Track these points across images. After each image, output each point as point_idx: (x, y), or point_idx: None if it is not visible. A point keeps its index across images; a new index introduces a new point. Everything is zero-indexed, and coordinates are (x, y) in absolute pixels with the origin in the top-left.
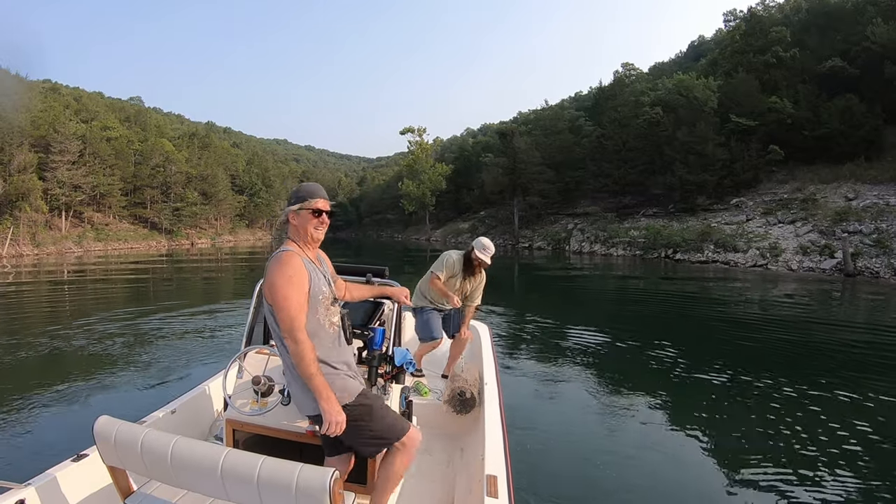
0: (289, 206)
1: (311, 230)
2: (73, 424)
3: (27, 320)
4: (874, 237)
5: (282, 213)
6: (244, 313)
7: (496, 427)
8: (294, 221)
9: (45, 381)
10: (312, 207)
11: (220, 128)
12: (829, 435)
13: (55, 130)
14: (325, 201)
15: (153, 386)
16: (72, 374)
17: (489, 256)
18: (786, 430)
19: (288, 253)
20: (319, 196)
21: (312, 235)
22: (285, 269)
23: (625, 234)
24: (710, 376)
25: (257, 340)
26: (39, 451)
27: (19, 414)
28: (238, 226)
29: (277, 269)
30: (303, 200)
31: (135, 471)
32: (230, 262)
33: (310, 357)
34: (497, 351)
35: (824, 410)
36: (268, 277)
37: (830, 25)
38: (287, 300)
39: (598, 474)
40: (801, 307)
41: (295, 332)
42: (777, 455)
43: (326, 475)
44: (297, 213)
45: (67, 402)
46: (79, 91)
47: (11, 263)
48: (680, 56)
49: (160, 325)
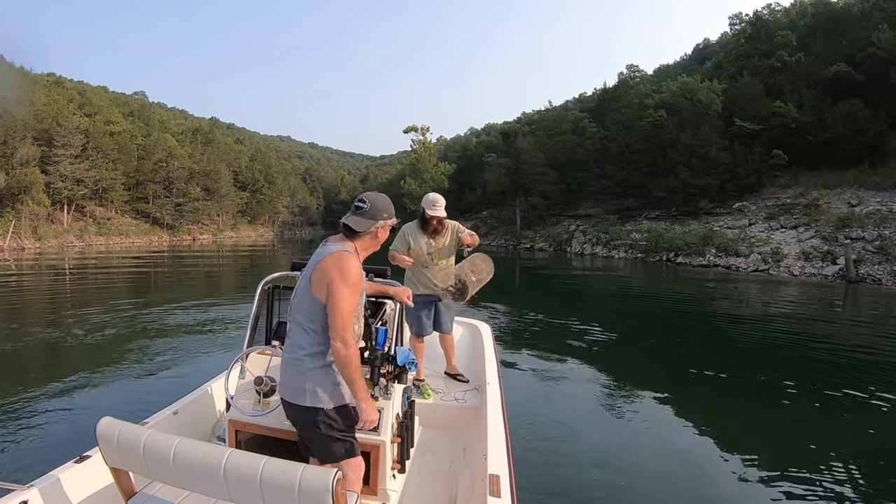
0: (385, 219)
1: (378, 245)
2: (76, 426)
3: (27, 316)
4: (877, 244)
5: (371, 221)
6: (245, 312)
7: (499, 426)
8: (380, 234)
9: (46, 383)
10: (393, 225)
11: (224, 124)
12: (830, 437)
13: (58, 124)
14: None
15: (155, 387)
16: (73, 375)
17: (441, 208)
18: (785, 432)
19: (353, 256)
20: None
21: (374, 250)
22: (351, 274)
23: (626, 237)
24: (711, 379)
25: (259, 341)
26: (42, 452)
27: (21, 416)
28: (240, 222)
29: (344, 271)
30: (393, 216)
31: (137, 472)
32: (231, 259)
33: (357, 361)
34: (499, 350)
35: (825, 414)
36: (330, 274)
37: (836, 30)
38: (347, 303)
39: (601, 474)
40: (802, 314)
41: (347, 336)
42: (777, 456)
43: (329, 476)
44: (386, 227)
45: (69, 404)
46: (83, 85)
47: (13, 257)
48: (685, 59)
49: (160, 324)
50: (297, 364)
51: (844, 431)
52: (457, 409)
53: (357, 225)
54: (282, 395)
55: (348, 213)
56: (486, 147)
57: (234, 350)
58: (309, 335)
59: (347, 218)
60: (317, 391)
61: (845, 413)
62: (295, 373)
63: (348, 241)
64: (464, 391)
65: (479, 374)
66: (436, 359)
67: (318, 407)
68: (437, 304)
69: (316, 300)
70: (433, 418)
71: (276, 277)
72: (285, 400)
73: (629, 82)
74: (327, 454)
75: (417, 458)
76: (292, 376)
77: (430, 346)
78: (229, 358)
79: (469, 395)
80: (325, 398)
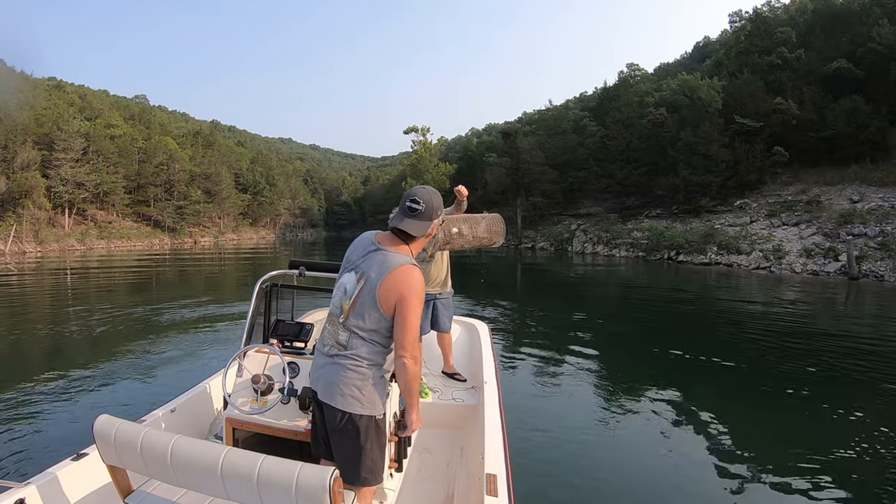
0: (439, 216)
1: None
2: (73, 423)
3: (27, 318)
4: (879, 240)
5: (427, 223)
6: (244, 312)
7: (496, 426)
8: (433, 233)
9: (44, 380)
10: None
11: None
12: (831, 440)
13: (59, 128)
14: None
15: (152, 384)
16: (71, 372)
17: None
18: (789, 430)
19: (419, 270)
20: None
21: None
22: (421, 290)
23: (627, 235)
24: (712, 378)
25: (257, 339)
26: (39, 450)
27: (19, 413)
28: (241, 224)
29: (416, 289)
30: (443, 210)
31: (135, 470)
32: (233, 261)
33: (420, 375)
34: (497, 349)
35: (828, 412)
36: (402, 291)
37: (836, 26)
38: (417, 319)
39: (599, 474)
40: (804, 311)
41: (417, 353)
42: (776, 457)
43: (326, 474)
44: (438, 224)
45: (67, 401)
46: (84, 89)
47: (14, 260)
48: (685, 56)
49: (158, 322)
50: (357, 372)
51: (849, 429)
52: (454, 409)
53: (415, 229)
54: (325, 400)
55: (398, 214)
56: (487, 147)
57: (231, 348)
58: (370, 345)
59: (402, 222)
60: (375, 400)
61: (850, 411)
62: (353, 380)
63: (404, 246)
64: (461, 390)
65: (477, 374)
66: (433, 358)
67: (372, 415)
68: (434, 302)
69: (381, 312)
70: (430, 417)
71: (273, 276)
72: (328, 405)
73: (630, 81)
74: (358, 465)
75: (415, 457)
76: (347, 384)
77: (427, 346)
78: (227, 356)
79: (466, 394)
80: (379, 406)
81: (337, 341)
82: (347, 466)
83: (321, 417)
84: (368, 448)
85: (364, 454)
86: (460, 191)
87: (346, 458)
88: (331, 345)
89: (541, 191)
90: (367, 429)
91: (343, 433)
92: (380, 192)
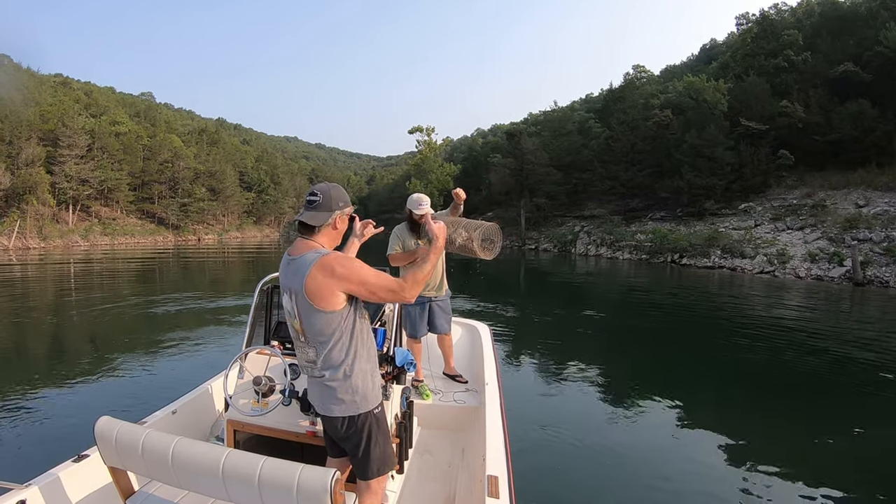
0: (341, 208)
1: (340, 237)
2: (74, 425)
3: (29, 315)
4: (884, 245)
5: (327, 213)
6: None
7: (497, 427)
8: (339, 225)
9: (46, 381)
10: (351, 213)
11: (231, 124)
12: (832, 441)
13: (64, 124)
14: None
15: (154, 386)
16: (73, 373)
17: (427, 207)
18: (788, 436)
19: (333, 252)
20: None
21: (338, 244)
22: (344, 258)
23: (631, 238)
24: (714, 382)
25: (258, 341)
26: (40, 451)
27: (20, 414)
28: (246, 222)
29: (340, 265)
30: (350, 205)
31: (136, 471)
32: (236, 259)
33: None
34: (498, 351)
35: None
36: (334, 277)
37: (843, 29)
38: (371, 273)
39: (600, 475)
40: (808, 316)
41: (397, 288)
42: (776, 458)
43: (327, 476)
44: (344, 217)
45: (68, 402)
46: (90, 86)
47: (18, 256)
48: (691, 59)
49: (162, 322)
50: (337, 380)
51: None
52: (455, 410)
53: (313, 219)
54: (323, 413)
55: (302, 210)
56: (492, 148)
57: (232, 350)
58: (337, 345)
59: (303, 214)
60: (366, 395)
61: (855, 416)
62: (337, 392)
63: (311, 242)
64: (462, 392)
65: (478, 375)
66: (434, 360)
67: (368, 411)
68: (431, 305)
69: (322, 311)
70: (432, 419)
71: (274, 277)
72: (327, 417)
73: (635, 83)
74: (368, 459)
75: (416, 458)
76: (334, 396)
77: (428, 347)
78: (228, 357)
79: (468, 396)
80: (371, 399)
81: (307, 360)
82: (360, 463)
83: (326, 427)
84: (374, 441)
85: (372, 448)
86: (458, 193)
87: (357, 457)
88: (305, 366)
89: (545, 192)
90: (369, 424)
91: (348, 437)
92: (384, 191)
